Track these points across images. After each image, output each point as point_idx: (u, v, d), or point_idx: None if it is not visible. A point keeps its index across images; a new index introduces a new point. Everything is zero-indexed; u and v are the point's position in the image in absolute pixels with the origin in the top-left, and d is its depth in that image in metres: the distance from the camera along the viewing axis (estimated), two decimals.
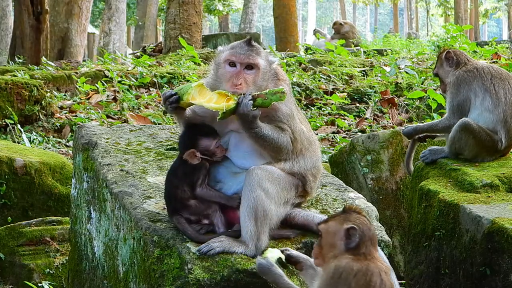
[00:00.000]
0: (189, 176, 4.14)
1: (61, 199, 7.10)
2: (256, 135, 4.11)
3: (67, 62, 15.81)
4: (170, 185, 4.18)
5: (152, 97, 11.64)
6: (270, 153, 4.19)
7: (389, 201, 7.21)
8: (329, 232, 3.54)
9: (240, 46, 4.23)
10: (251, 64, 4.19)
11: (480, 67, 6.07)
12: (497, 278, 4.91)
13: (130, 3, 42.38)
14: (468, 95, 5.99)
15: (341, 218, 3.56)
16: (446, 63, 6.16)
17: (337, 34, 21.11)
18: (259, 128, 4.10)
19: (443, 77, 6.19)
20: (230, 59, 4.20)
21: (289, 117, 4.25)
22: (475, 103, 5.96)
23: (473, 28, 45.61)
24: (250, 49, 4.22)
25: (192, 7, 18.65)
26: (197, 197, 4.13)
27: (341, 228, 3.52)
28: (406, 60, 14.27)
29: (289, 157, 4.25)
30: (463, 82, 6.01)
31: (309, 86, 12.15)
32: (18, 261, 6.18)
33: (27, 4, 15.62)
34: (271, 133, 4.15)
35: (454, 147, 5.96)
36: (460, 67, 6.09)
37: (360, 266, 3.44)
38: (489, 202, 5.29)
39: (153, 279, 4.01)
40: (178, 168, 4.20)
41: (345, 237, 3.51)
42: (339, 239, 3.51)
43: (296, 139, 4.26)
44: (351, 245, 3.49)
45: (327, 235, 3.55)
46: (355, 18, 79.95)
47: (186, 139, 4.23)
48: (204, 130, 4.19)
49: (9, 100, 9.64)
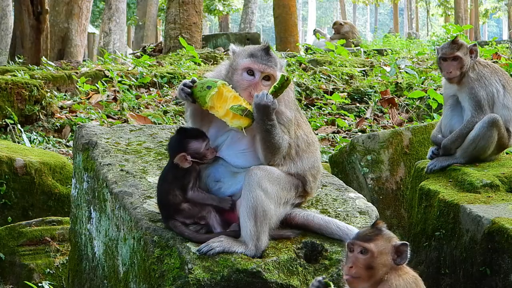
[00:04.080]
0: (179, 180, 4.12)
1: (61, 199, 7.09)
2: (270, 128, 4.08)
3: (67, 62, 15.82)
4: (162, 191, 4.17)
5: (152, 97, 11.64)
6: (268, 153, 4.18)
7: (389, 201, 7.21)
8: (381, 252, 3.49)
9: (260, 55, 4.19)
10: (269, 75, 4.18)
11: (491, 63, 6.08)
12: (497, 278, 4.91)
13: (130, 3, 42.36)
14: (491, 90, 5.93)
15: (384, 236, 3.53)
16: (469, 54, 5.98)
17: (337, 34, 21.10)
18: (274, 121, 4.09)
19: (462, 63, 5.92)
20: (250, 67, 4.17)
21: (290, 122, 4.27)
22: (497, 98, 5.91)
23: (473, 28, 45.60)
24: (269, 59, 4.20)
25: (192, 7, 18.65)
26: (189, 200, 4.12)
27: (391, 246, 3.51)
28: (406, 60, 14.27)
29: (284, 161, 4.24)
30: (483, 77, 5.93)
31: (309, 86, 12.15)
32: (18, 261, 6.18)
33: (27, 4, 15.62)
34: (279, 132, 4.15)
35: (474, 147, 5.82)
36: (475, 61, 6.01)
37: (412, 278, 3.49)
38: (489, 202, 5.29)
39: (153, 279, 4.01)
40: (168, 172, 4.18)
41: (396, 254, 3.51)
42: (390, 258, 3.50)
43: (290, 145, 4.27)
44: (403, 262, 3.51)
45: (379, 255, 3.49)
46: (355, 18, 79.93)
47: (176, 143, 4.21)
48: (193, 133, 4.18)
49: (9, 100, 9.64)
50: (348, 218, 4.47)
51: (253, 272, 3.96)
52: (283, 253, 4.11)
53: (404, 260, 3.52)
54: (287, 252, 4.12)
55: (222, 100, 4.09)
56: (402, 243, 3.51)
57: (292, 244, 4.19)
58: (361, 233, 3.56)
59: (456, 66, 5.93)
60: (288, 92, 4.29)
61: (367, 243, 3.47)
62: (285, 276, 4.04)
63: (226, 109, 4.07)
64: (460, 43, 5.99)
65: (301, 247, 4.19)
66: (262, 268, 3.99)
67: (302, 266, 4.11)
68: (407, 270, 3.58)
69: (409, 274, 3.55)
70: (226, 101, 4.09)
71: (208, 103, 4.11)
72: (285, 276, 4.04)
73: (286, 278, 4.04)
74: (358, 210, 4.57)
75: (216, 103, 4.10)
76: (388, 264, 3.50)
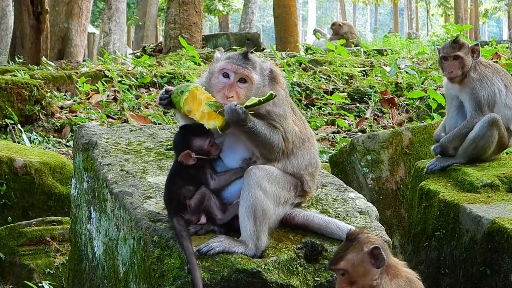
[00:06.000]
0: (195, 177, 4.15)
1: (61, 199, 7.09)
2: (249, 130, 4.07)
3: (67, 62, 15.82)
4: (174, 185, 4.17)
5: (152, 97, 11.64)
6: (262, 151, 4.17)
7: (389, 201, 7.21)
8: (355, 265, 3.52)
9: (236, 58, 4.19)
10: (244, 77, 4.16)
11: (492, 63, 6.08)
12: (497, 278, 4.91)
13: (130, 3, 42.37)
14: (493, 90, 5.92)
15: (355, 246, 3.55)
16: (471, 54, 5.98)
17: (336, 35, 21.08)
18: (251, 122, 4.06)
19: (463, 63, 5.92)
20: (225, 68, 4.16)
21: (281, 117, 4.23)
22: (499, 98, 5.91)
23: (473, 28, 45.60)
24: (246, 62, 4.17)
25: (192, 7, 18.65)
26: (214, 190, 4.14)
27: (364, 254, 3.52)
28: (406, 60, 14.27)
29: (281, 157, 4.24)
30: (485, 77, 5.92)
31: (309, 86, 12.15)
32: (18, 261, 6.18)
33: (27, 4, 15.61)
34: (264, 129, 4.12)
35: (474, 147, 5.82)
36: (477, 61, 6.01)
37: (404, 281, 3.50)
38: (489, 202, 5.29)
39: (153, 279, 4.01)
40: (182, 170, 4.19)
41: (373, 259, 3.52)
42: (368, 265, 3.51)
43: (287, 139, 4.24)
44: (382, 263, 3.50)
45: (355, 269, 3.52)
46: (355, 18, 79.93)
47: (180, 141, 4.23)
48: (197, 130, 4.18)
49: (9, 100, 9.64)
50: (348, 218, 4.47)
51: (253, 272, 3.96)
52: (283, 253, 4.11)
53: (382, 262, 3.52)
54: (287, 252, 4.12)
55: (197, 103, 4.10)
56: (373, 247, 3.52)
57: (292, 244, 4.19)
58: (333, 256, 3.64)
59: (458, 66, 5.93)
60: (279, 91, 4.26)
61: (337, 265, 3.56)
62: (285, 276, 4.04)
63: (201, 111, 4.07)
64: (461, 42, 5.99)
65: (301, 247, 4.19)
66: (262, 268, 3.99)
67: (302, 266, 4.11)
68: (400, 272, 3.57)
69: (401, 277, 3.54)
70: (201, 103, 4.09)
71: (183, 108, 4.12)
72: (285, 276, 4.04)
73: (286, 278, 4.04)
74: (358, 210, 4.57)
75: (193, 107, 4.11)
76: (371, 271, 3.52)
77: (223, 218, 4.16)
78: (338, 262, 3.57)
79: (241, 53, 4.23)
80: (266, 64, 4.30)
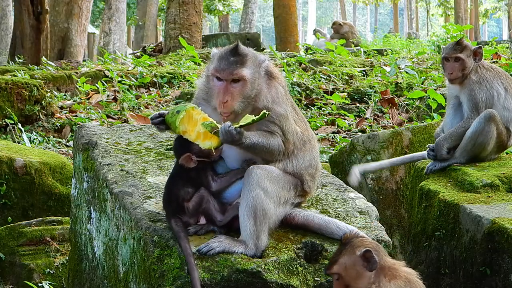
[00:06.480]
0: (195, 179, 4.15)
1: (61, 199, 7.09)
2: (246, 147, 4.09)
3: (67, 62, 15.82)
4: (174, 187, 4.17)
5: (152, 97, 11.64)
6: (263, 157, 4.20)
7: (389, 201, 7.21)
8: (348, 269, 3.56)
9: (226, 57, 4.15)
10: (235, 78, 4.15)
11: (495, 66, 6.09)
12: (497, 278, 4.91)
13: (130, 3, 42.37)
14: (491, 93, 5.93)
15: (347, 250, 3.58)
16: (473, 57, 5.98)
17: (336, 34, 21.09)
18: (247, 139, 4.06)
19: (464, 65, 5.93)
20: (215, 74, 4.16)
21: (282, 117, 4.22)
22: (497, 101, 5.92)
23: (473, 28, 45.62)
24: (235, 60, 4.14)
25: (192, 7, 18.65)
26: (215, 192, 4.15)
27: (356, 257, 3.55)
28: (406, 60, 14.28)
29: (281, 158, 4.24)
30: (484, 80, 5.93)
31: (309, 86, 12.14)
32: (18, 261, 6.18)
33: (27, 4, 15.62)
34: (261, 141, 4.12)
35: (473, 144, 5.82)
36: (478, 64, 6.01)
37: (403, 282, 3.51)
38: (489, 202, 5.29)
39: (153, 279, 4.01)
40: (182, 172, 4.19)
41: (365, 262, 3.54)
42: (361, 268, 3.53)
43: (288, 140, 4.24)
44: (375, 266, 3.52)
45: (347, 272, 3.55)
46: (355, 18, 79.93)
47: (180, 144, 4.23)
48: None
49: (9, 100, 9.64)
50: (348, 218, 4.46)
51: (253, 272, 3.96)
52: (283, 253, 4.11)
53: (374, 265, 3.55)
54: (287, 252, 4.12)
55: (193, 123, 4.10)
56: (364, 250, 3.55)
57: (292, 244, 4.19)
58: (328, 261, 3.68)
59: (458, 68, 5.94)
60: (277, 88, 4.26)
61: (330, 269, 3.60)
62: (285, 276, 4.04)
63: (197, 131, 4.08)
64: (464, 44, 5.99)
65: (301, 247, 4.19)
66: (262, 268, 3.99)
67: (302, 266, 4.11)
68: (398, 273, 3.57)
69: (400, 278, 3.55)
70: (197, 123, 4.09)
71: (179, 128, 4.11)
72: (285, 276, 4.04)
73: (286, 278, 4.04)
74: (358, 210, 4.56)
75: (188, 127, 4.11)
76: (364, 274, 3.55)
77: (223, 220, 4.16)
78: (332, 266, 3.61)
79: (231, 49, 4.18)
80: (261, 57, 4.27)
